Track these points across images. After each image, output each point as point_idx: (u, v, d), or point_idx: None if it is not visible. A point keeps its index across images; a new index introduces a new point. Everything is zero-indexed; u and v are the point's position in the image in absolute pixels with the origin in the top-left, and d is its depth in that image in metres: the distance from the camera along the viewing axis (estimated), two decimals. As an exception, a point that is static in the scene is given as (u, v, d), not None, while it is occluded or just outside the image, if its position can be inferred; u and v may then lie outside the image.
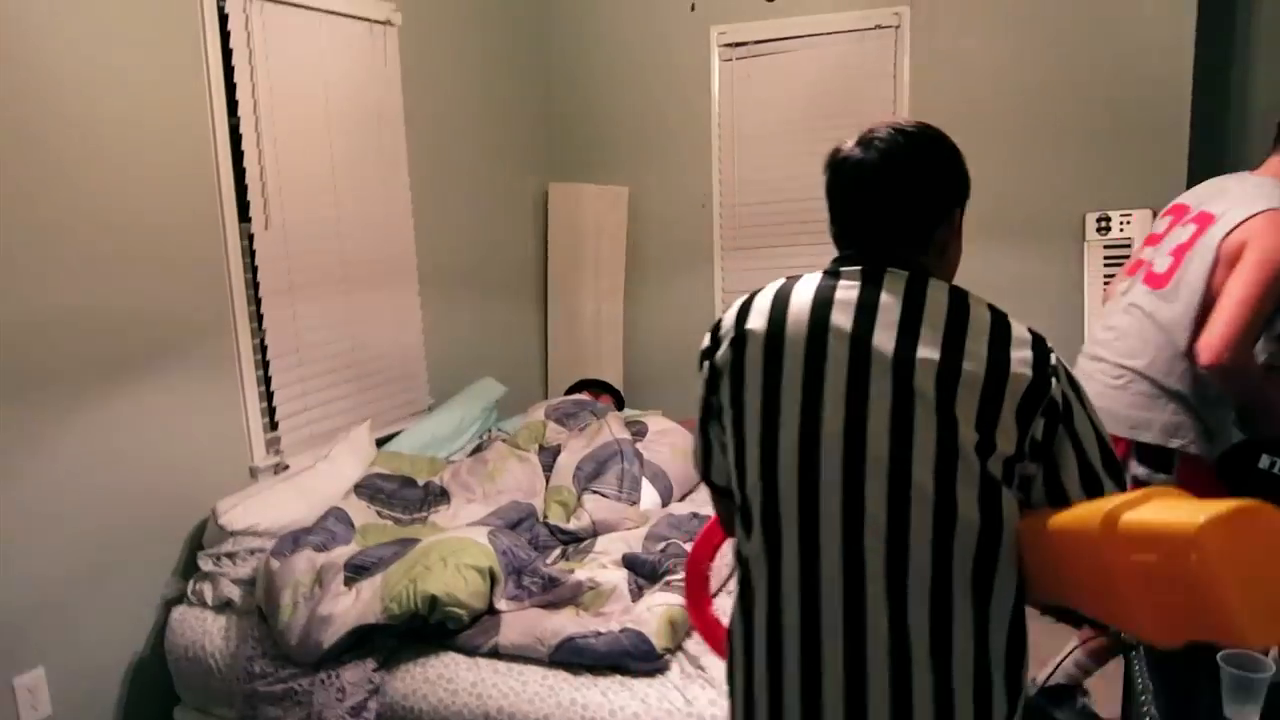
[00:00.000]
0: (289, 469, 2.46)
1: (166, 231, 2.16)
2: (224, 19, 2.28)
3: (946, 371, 0.95)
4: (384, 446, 2.73)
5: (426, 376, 3.07)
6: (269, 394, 2.47)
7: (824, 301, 1.03)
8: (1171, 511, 0.78)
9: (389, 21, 2.82)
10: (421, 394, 3.05)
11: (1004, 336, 0.98)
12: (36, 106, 1.87)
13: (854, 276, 1.04)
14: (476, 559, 1.95)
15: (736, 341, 1.07)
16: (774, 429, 1.01)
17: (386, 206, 2.87)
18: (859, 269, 1.04)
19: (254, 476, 2.41)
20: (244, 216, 2.37)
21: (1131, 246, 2.94)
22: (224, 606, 2.09)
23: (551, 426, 2.82)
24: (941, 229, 1.06)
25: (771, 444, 1.01)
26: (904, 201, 1.04)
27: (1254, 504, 0.76)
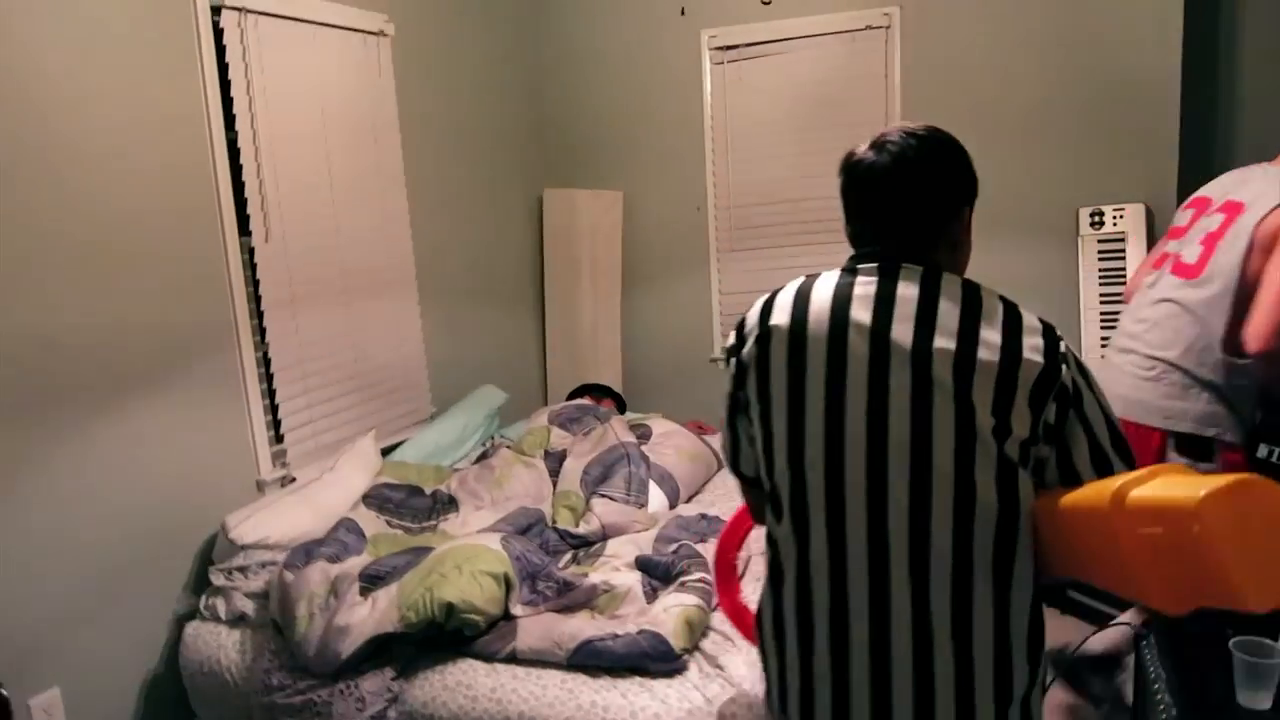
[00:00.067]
0: (296, 481, 2.50)
1: (168, 247, 2.20)
2: (219, 34, 2.33)
3: (962, 360, 1.02)
4: (388, 456, 2.77)
5: (428, 385, 3.12)
6: (273, 407, 2.51)
7: (844, 297, 1.10)
8: (1174, 487, 0.85)
9: (382, 32, 2.88)
10: (424, 403, 3.10)
11: (1016, 326, 1.05)
12: (34, 125, 1.90)
13: (871, 273, 1.11)
14: (491, 565, 1.99)
15: (761, 338, 1.14)
16: (800, 419, 1.09)
17: (384, 216, 2.92)
18: (875, 266, 1.12)
19: (261, 490, 2.45)
20: (244, 230, 2.41)
21: (1125, 241, 3.03)
22: (238, 620, 2.13)
23: (556, 432, 2.87)
24: (953, 226, 1.14)
25: (798, 434, 1.09)
26: (916, 201, 1.12)
27: (1251, 478, 0.84)
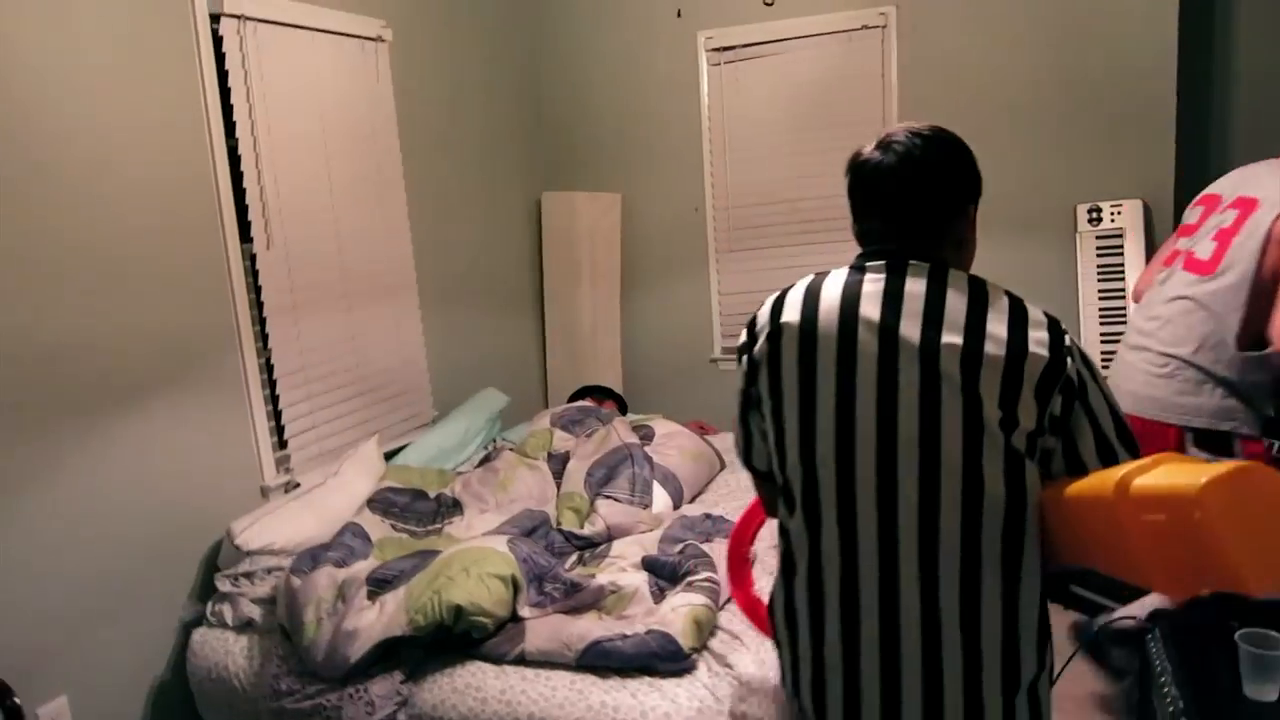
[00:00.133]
0: (299, 487, 2.54)
1: (170, 255, 2.23)
2: (218, 42, 2.36)
3: (970, 355, 1.07)
4: (391, 460, 2.80)
5: (430, 389, 3.16)
6: (277, 412, 2.54)
7: (853, 295, 1.14)
8: (1176, 475, 0.89)
9: (380, 38, 2.91)
10: (425, 407, 3.14)
11: (1021, 320, 1.09)
12: (35, 136, 1.93)
13: (879, 270, 1.16)
14: (499, 567, 2.02)
15: (773, 335, 1.18)
16: (811, 415, 1.13)
17: (384, 221, 2.96)
18: (883, 263, 1.16)
19: (265, 496, 2.49)
20: (245, 237, 2.45)
21: (1123, 236, 3.08)
22: (245, 626, 2.16)
23: (558, 434, 2.90)
24: (958, 223, 1.19)
25: (809, 429, 1.13)
26: (922, 199, 1.16)
27: (1251, 465, 0.88)
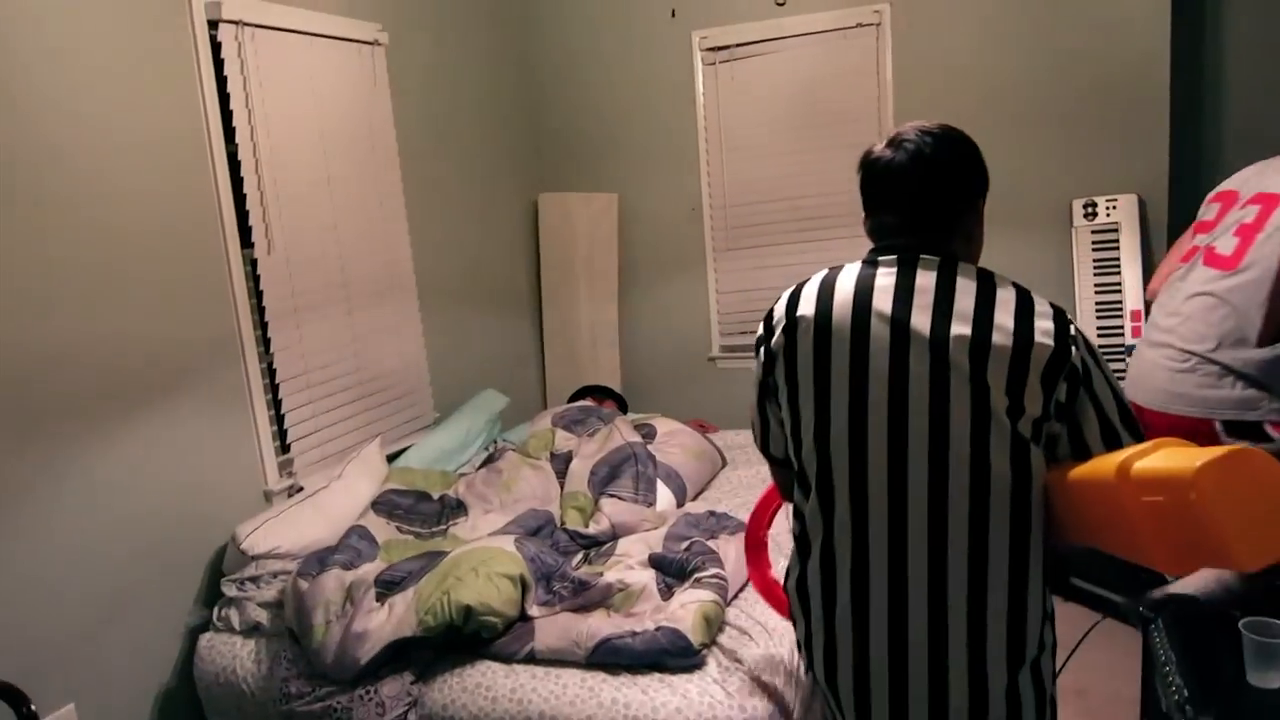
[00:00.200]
0: (303, 490, 2.57)
1: (172, 261, 2.26)
2: (216, 48, 2.40)
3: (977, 345, 1.12)
4: (393, 462, 2.84)
5: (430, 391, 3.20)
6: (279, 417, 2.58)
7: (866, 288, 1.20)
8: (1174, 458, 0.95)
9: (376, 42, 2.96)
10: (426, 408, 3.18)
11: (1028, 311, 1.15)
12: (35, 143, 1.96)
13: (891, 264, 1.21)
14: (507, 567, 2.07)
15: (789, 328, 1.24)
16: (825, 404, 1.19)
17: (383, 224, 3.00)
18: (895, 258, 1.22)
19: (268, 500, 2.52)
20: (245, 242, 2.49)
21: (1118, 231, 3.14)
22: (252, 630, 2.19)
23: (560, 434, 2.94)
24: (967, 218, 1.24)
25: (824, 416, 1.19)
26: (933, 195, 1.22)
27: (1244, 449, 0.93)
